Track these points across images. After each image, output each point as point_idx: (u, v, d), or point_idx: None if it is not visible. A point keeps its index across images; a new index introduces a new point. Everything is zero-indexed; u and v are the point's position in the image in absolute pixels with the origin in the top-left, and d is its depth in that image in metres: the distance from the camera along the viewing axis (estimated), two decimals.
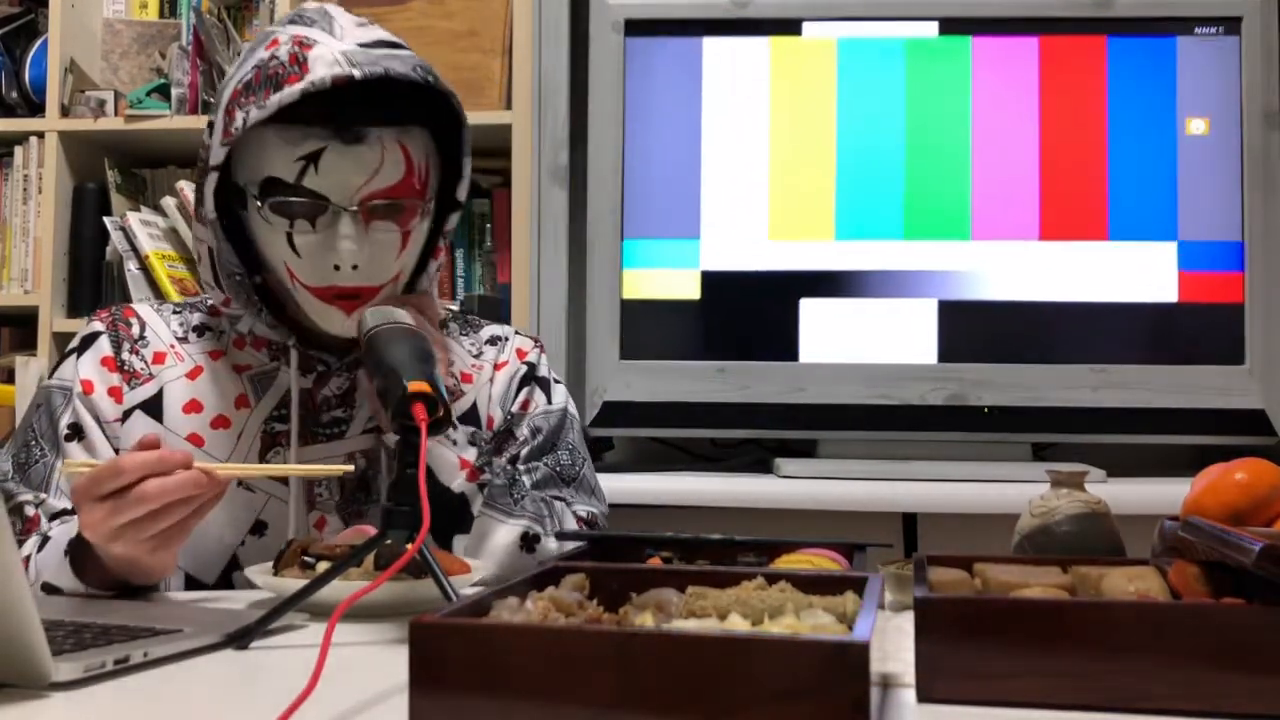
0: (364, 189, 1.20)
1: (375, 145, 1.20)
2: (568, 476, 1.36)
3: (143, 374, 1.30)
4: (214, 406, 1.29)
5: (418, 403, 0.98)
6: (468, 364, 1.39)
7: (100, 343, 1.31)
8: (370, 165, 1.20)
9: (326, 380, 1.31)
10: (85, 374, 1.29)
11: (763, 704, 0.60)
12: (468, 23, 2.22)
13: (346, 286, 1.22)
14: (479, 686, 0.63)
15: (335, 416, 1.31)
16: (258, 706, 0.74)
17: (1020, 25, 2.09)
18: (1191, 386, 2.02)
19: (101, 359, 1.30)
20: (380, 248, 1.23)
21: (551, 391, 1.41)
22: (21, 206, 2.36)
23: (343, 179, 1.20)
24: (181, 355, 1.32)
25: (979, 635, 0.73)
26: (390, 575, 0.84)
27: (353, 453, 1.29)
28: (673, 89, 2.11)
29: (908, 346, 2.06)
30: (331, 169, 1.19)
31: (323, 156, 1.19)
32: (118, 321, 1.33)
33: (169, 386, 1.29)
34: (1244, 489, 0.90)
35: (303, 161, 1.19)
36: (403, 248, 1.24)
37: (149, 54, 2.39)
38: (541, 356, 1.44)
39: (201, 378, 1.30)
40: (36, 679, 0.76)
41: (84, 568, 1.12)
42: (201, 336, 1.33)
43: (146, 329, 1.33)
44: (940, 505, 1.85)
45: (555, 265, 2.17)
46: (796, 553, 0.97)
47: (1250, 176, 2.04)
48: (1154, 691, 0.71)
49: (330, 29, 1.22)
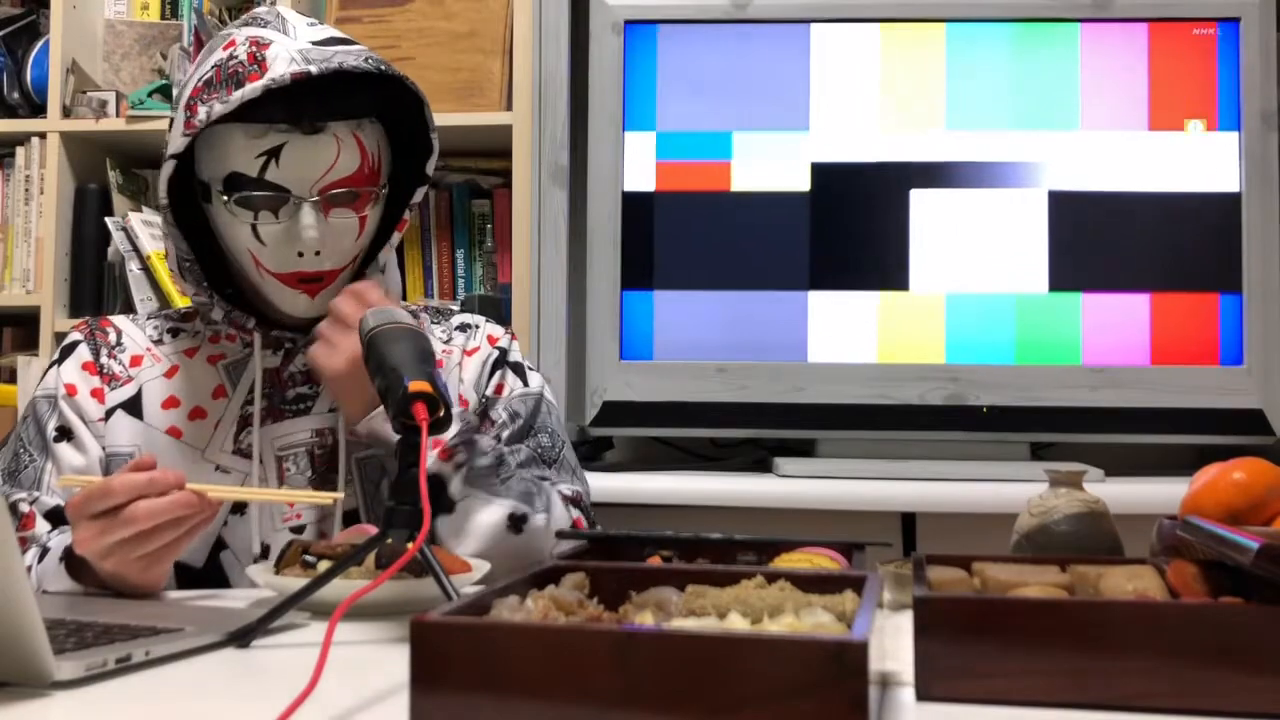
0: (322, 180, 1.27)
1: (331, 139, 1.27)
2: (549, 458, 1.39)
3: (121, 376, 1.36)
4: (191, 399, 1.34)
5: (419, 402, 0.98)
6: (438, 351, 1.41)
7: (80, 350, 1.37)
8: (328, 158, 1.27)
9: (293, 357, 1.36)
10: (68, 378, 1.35)
11: (762, 703, 0.60)
12: (468, 23, 2.23)
13: (309, 271, 1.29)
14: (480, 685, 0.64)
15: (300, 393, 1.35)
16: (259, 705, 0.75)
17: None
18: (1190, 386, 2.03)
19: (82, 364, 1.36)
20: (339, 233, 1.29)
21: (526, 376, 1.44)
22: (23, 207, 2.36)
23: (303, 171, 1.26)
24: (158, 356, 1.37)
25: (978, 634, 0.73)
26: (391, 574, 0.84)
27: (321, 429, 1.32)
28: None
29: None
30: (292, 162, 1.25)
31: (283, 151, 1.25)
32: (95, 330, 1.40)
33: (147, 386, 1.35)
34: (1242, 488, 0.90)
35: (264, 157, 1.25)
36: (360, 231, 1.31)
37: (150, 55, 2.40)
38: (513, 343, 1.47)
39: (178, 375, 1.36)
40: (38, 678, 0.76)
41: (80, 576, 1.14)
42: (175, 337, 1.39)
43: (123, 336, 1.39)
44: (939, 505, 1.85)
45: (555, 265, 2.17)
46: (796, 552, 0.98)
47: (1250, 176, 2.04)
48: (1152, 690, 0.71)
49: (284, 29, 1.29)
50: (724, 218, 2.09)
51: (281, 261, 1.28)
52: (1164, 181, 2.06)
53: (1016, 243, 2.07)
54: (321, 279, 1.30)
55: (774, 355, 2.07)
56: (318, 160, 1.26)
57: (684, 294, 2.09)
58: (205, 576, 1.28)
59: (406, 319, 1.10)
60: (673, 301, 2.09)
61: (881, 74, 2.09)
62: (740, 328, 2.08)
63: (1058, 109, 2.07)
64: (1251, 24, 2.06)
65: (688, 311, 2.09)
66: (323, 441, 1.33)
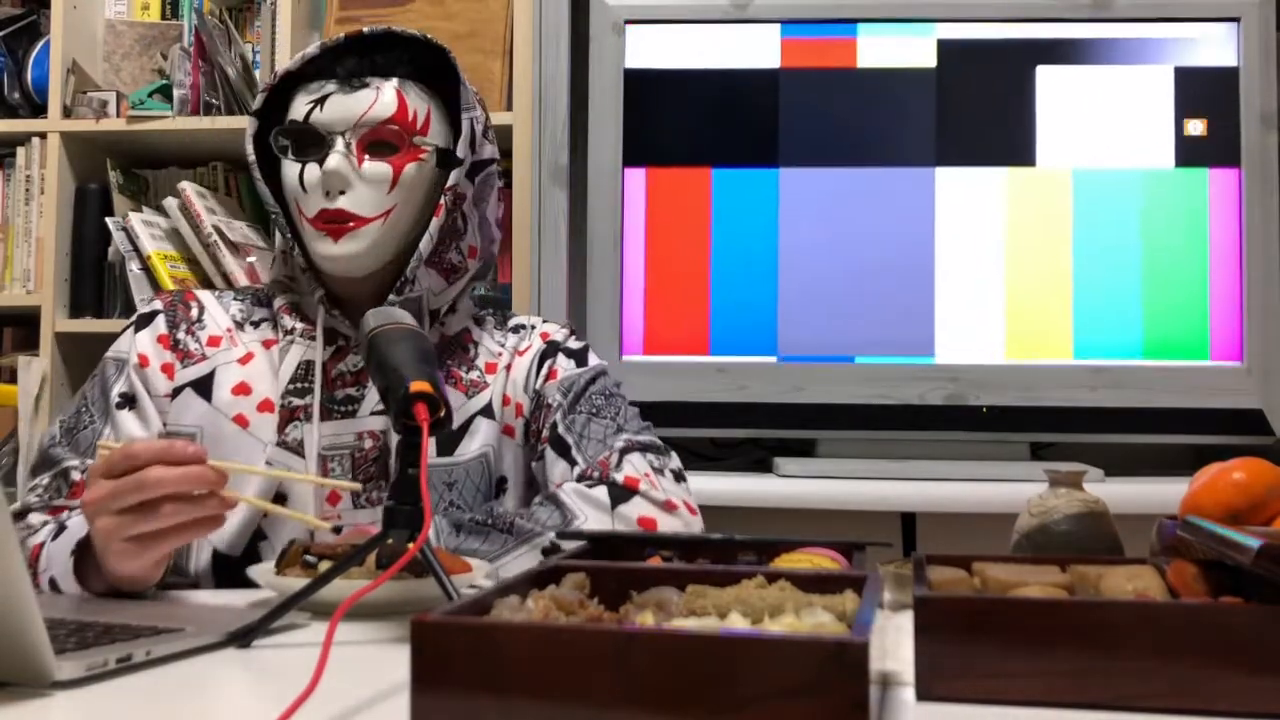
0: (359, 121, 1.32)
1: (373, 90, 1.33)
2: (607, 414, 1.38)
3: (196, 354, 1.36)
4: (261, 391, 1.33)
5: (419, 403, 0.98)
6: (494, 353, 1.42)
7: (158, 321, 1.38)
8: (366, 101, 1.33)
9: (343, 356, 1.36)
10: (141, 348, 1.36)
11: (763, 703, 0.60)
12: (468, 23, 2.23)
13: (333, 209, 1.31)
14: (480, 685, 0.64)
15: (349, 394, 1.34)
16: (259, 705, 0.75)
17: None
18: (1190, 386, 2.03)
19: (158, 336, 1.37)
20: (370, 179, 1.32)
21: (584, 357, 1.44)
22: (24, 207, 2.36)
23: (341, 114, 1.32)
24: (236, 340, 1.38)
25: (978, 634, 0.73)
26: (391, 574, 0.84)
27: (362, 432, 1.32)
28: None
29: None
30: (334, 106, 1.33)
31: (328, 100, 1.33)
32: (177, 303, 1.41)
33: (221, 369, 1.35)
34: (1242, 488, 0.90)
35: (312, 104, 1.33)
36: (393, 185, 1.33)
37: (151, 55, 2.40)
38: (570, 337, 1.47)
39: (253, 363, 1.36)
40: (39, 677, 0.76)
41: (86, 574, 1.12)
42: (258, 327, 1.39)
43: (205, 313, 1.40)
44: (939, 505, 1.85)
45: (555, 265, 2.17)
46: (796, 552, 0.98)
47: (1250, 176, 2.04)
48: (1153, 690, 0.71)
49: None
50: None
51: (314, 204, 1.32)
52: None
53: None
54: (345, 220, 1.31)
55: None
56: (355, 105, 1.32)
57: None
58: (243, 566, 1.23)
59: (407, 319, 1.10)
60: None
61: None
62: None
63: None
64: (1252, 24, 2.06)
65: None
66: (362, 445, 1.32)
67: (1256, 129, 2.04)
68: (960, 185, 2.08)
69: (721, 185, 2.12)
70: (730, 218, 2.11)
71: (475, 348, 1.42)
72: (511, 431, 1.39)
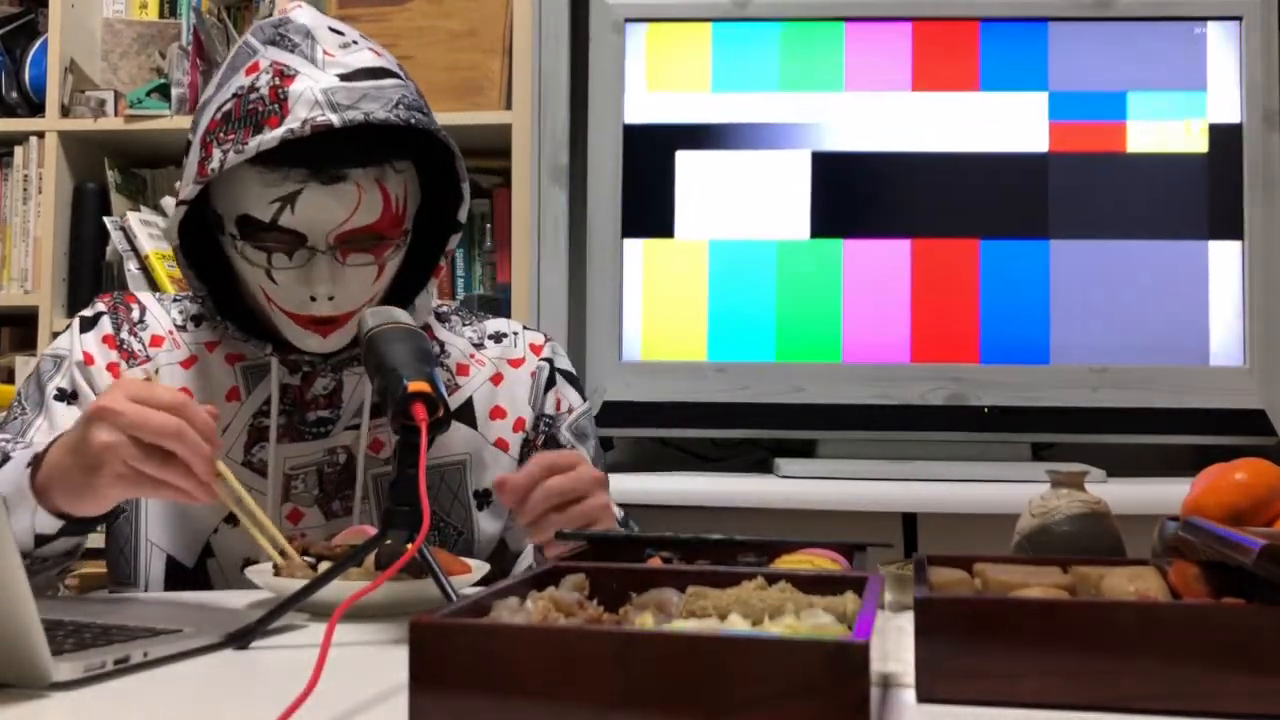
0: (340, 228, 1.21)
1: (352, 187, 1.20)
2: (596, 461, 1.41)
3: (140, 355, 1.33)
4: (204, 395, 1.30)
5: (418, 402, 0.98)
6: (464, 354, 1.39)
7: (103, 322, 1.34)
8: (348, 205, 1.20)
9: (314, 380, 1.32)
10: (87, 347, 1.32)
11: (763, 704, 0.60)
12: (467, 22, 2.22)
13: (323, 314, 1.24)
14: (479, 686, 0.63)
15: (321, 416, 1.32)
16: (258, 706, 0.74)
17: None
18: (1191, 386, 2.02)
19: (103, 337, 1.33)
20: (356, 279, 1.24)
21: (579, 382, 1.46)
22: (21, 206, 2.36)
23: (319, 217, 1.20)
24: (179, 342, 1.34)
25: (979, 635, 0.73)
26: (390, 575, 0.84)
27: (334, 448, 1.30)
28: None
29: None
30: (308, 209, 1.19)
31: (299, 198, 1.19)
32: (119, 305, 1.37)
33: (162, 370, 1.32)
34: (1244, 489, 0.90)
35: (279, 203, 1.19)
36: (378, 277, 1.26)
37: (149, 54, 2.39)
38: (557, 349, 1.46)
39: (195, 367, 1.33)
40: (36, 679, 0.76)
41: (39, 486, 1.05)
42: (199, 326, 1.36)
43: (146, 314, 1.36)
44: (940, 505, 1.85)
45: (555, 265, 2.17)
46: (796, 553, 0.97)
47: (1250, 176, 2.04)
48: (1154, 691, 0.71)
49: (312, 55, 1.20)
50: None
51: (295, 302, 1.23)
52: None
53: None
54: (335, 321, 1.25)
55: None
56: (336, 209, 1.20)
57: None
58: (193, 579, 1.27)
59: (406, 319, 1.10)
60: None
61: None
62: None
63: None
64: (1252, 24, 2.05)
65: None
66: (333, 459, 1.30)
67: (1258, 129, 2.04)
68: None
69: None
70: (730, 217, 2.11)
71: (441, 346, 1.39)
72: (505, 445, 1.37)
